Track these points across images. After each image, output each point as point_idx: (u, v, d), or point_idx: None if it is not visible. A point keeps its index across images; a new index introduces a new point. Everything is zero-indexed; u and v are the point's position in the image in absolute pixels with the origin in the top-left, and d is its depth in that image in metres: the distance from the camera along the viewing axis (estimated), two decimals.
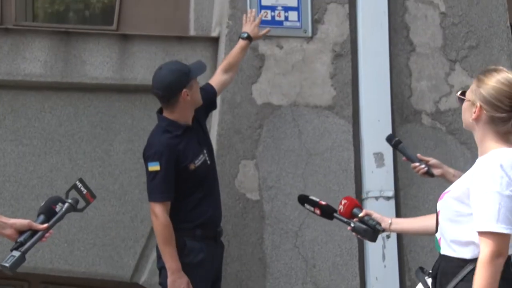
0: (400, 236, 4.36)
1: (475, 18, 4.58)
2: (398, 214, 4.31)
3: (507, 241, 2.58)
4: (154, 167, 3.75)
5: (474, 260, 2.63)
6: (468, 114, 2.72)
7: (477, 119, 2.70)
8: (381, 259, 4.31)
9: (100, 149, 4.38)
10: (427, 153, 4.41)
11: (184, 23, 4.60)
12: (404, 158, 3.64)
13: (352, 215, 3.18)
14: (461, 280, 2.66)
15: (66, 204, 2.90)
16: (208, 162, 3.88)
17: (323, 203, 3.30)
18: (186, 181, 3.80)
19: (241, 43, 4.14)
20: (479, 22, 4.58)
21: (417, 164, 3.52)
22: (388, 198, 4.33)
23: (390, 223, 3.16)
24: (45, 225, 2.85)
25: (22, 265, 4.12)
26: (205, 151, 3.87)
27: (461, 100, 2.78)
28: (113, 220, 4.36)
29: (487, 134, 2.69)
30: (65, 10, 4.84)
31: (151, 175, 3.78)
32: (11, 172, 4.32)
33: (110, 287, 4.44)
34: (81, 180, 3.00)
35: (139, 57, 4.38)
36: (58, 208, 2.89)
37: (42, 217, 2.88)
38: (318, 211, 3.30)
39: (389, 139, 3.73)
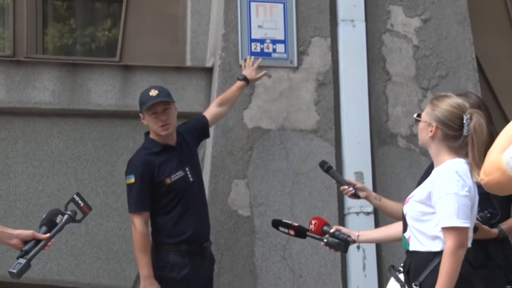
0: (379, 248, 4.37)
1: (444, 50, 4.62)
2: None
3: (467, 234, 2.79)
4: (130, 180, 3.72)
5: (440, 253, 2.80)
6: (425, 133, 2.93)
7: (433, 137, 2.90)
8: (362, 269, 4.33)
9: (104, 170, 4.39)
10: (403, 172, 4.48)
11: (181, 55, 4.63)
12: (335, 182, 3.70)
13: (323, 232, 3.27)
14: (431, 271, 2.81)
15: (66, 216, 2.95)
16: (191, 179, 3.79)
17: (296, 224, 3.38)
18: (165, 195, 3.74)
19: (238, 83, 4.12)
20: (448, 54, 4.62)
21: (346, 187, 3.59)
22: (368, 213, 4.34)
23: (358, 235, 3.25)
24: (48, 234, 2.89)
25: (32, 277, 4.16)
26: (187, 169, 3.79)
27: (418, 121, 2.97)
28: (116, 235, 4.35)
29: (442, 149, 2.89)
30: (72, 43, 4.83)
31: (128, 188, 3.76)
32: (22, 191, 4.33)
33: None
34: (78, 194, 3.05)
35: (140, 86, 4.35)
36: (58, 219, 2.93)
37: (44, 228, 2.92)
38: (292, 232, 3.37)
39: (321, 164, 3.74)
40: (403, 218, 2.99)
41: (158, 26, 4.68)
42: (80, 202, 3.01)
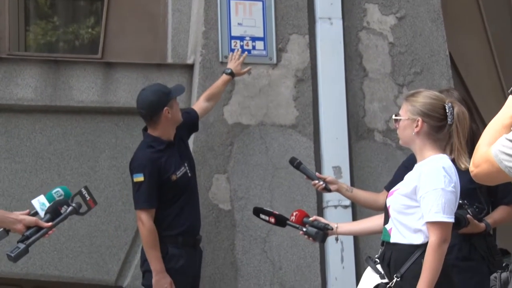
0: (357, 240, 4.36)
1: (419, 47, 4.60)
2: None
3: (450, 229, 2.78)
4: (139, 178, 3.73)
5: (422, 246, 2.79)
6: (409, 131, 2.88)
7: (419, 132, 2.85)
8: (340, 261, 4.30)
9: (87, 165, 4.33)
10: (379, 166, 4.46)
11: (162, 52, 4.57)
12: (305, 177, 3.66)
13: (303, 223, 3.24)
14: (412, 263, 2.79)
15: (70, 208, 2.93)
16: (189, 174, 3.86)
17: (277, 212, 3.36)
18: (169, 191, 3.78)
19: (224, 77, 4.14)
20: (422, 51, 4.60)
21: (316, 181, 3.56)
22: (345, 206, 4.31)
23: (337, 227, 3.22)
24: (50, 223, 2.87)
25: (15, 271, 4.14)
26: (186, 165, 3.85)
27: (397, 121, 2.93)
28: (98, 229, 4.30)
29: (426, 143, 2.84)
30: (55, 40, 4.77)
31: (136, 186, 3.76)
32: (5, 187, 4.25)
33: None
34: (86, 188, 3.03)
35: (122, 83, 4.34)
36: (63, 210, 2.92)
37: (48, 215, 2.91)
38: (272, 220, 3.34)
39: (291, 161, 3.71)
40: (385, 210, 2.96)
41: (140, 24, 4.63)
42: (86, 196, 3.00)
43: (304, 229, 3.21)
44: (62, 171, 4.28)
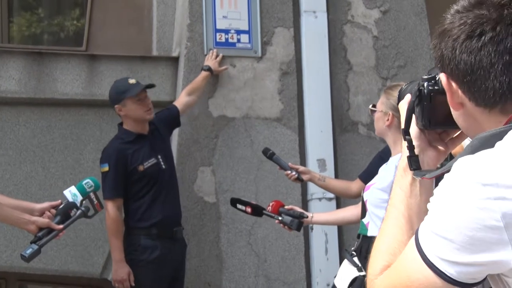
0: (341, 232, 4.33)
1: (403, 41, 4.59)
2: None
3: None
4: (104, 168, 3.77)
5: None
6: (381, 122, 2.89)
7: (389, 126, 2.85)
8: (324, 253, 4.29)
9: (71, 158, 4.27)
10: (363, 159, 4.42)
11: (147, 44, 4.53)
12: (278, 168, 3.63)
13: (279, 213, 3.27)
14: None
15: (79, 211, 3.00)
16: (163, 166, 3.82)
17: (254, 202, 3.38)
18: (137, 182, 3.77)
19: (203, 73, 4.16)
20: (406, 45, 4.59)
21: (289, 171, 3.55)
22: (330, 199, 4.29)
23: (312, 216, 3.23)
24: (61, 226, 2.93)
25: (0, 264, 4.04)
26: (159, 157, 3.82)
27: (373, 112, 2.93)
28: (83, 222, 4.11)
29: (399, 137, 2.82)
30: (39, 32, 4.70)
31: (102, 176, 3.77)
32: None
33: (82, 283, 4.28)
34: (94, 192, 3.08)
35: (106, 75, 4.29)
36: (72, 213, 2.98)
37: (58, 218, 2.96)
38: (249, 209, 3.35)
39: (264, 152, 3.73)
40: (362, 204, 2.95)
41: (125, 16, 4.58)
42: (94, 200, 3.07)
43: (280, 218, 3.21)
44: (46, 164, 4.21)
